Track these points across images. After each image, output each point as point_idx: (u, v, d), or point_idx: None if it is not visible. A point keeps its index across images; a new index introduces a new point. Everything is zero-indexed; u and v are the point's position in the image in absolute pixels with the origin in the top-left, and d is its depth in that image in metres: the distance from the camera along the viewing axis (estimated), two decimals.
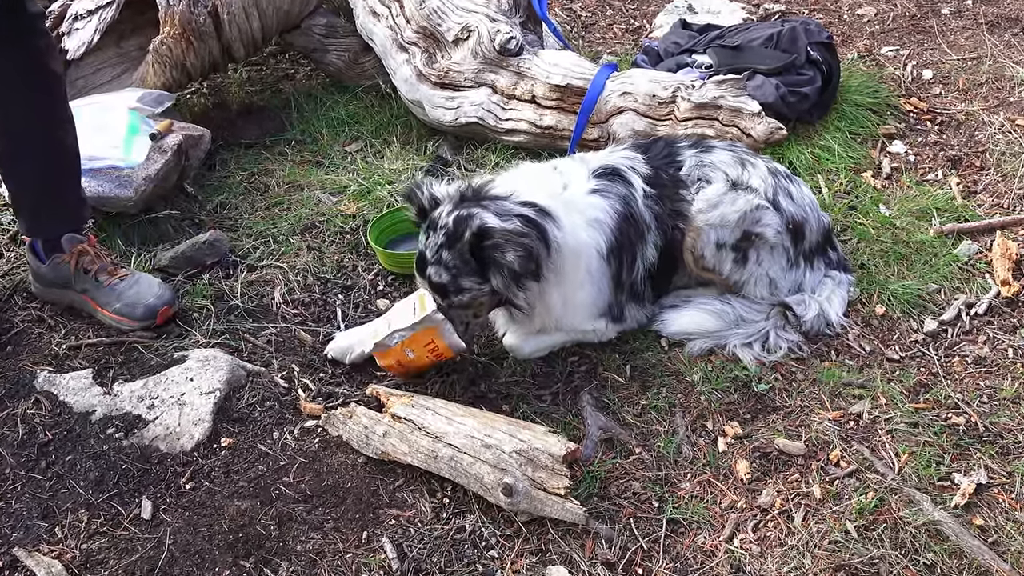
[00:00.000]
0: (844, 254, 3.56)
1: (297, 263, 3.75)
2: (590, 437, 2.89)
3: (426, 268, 2.95)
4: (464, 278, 2.92)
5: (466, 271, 2.91)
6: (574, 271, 3.06)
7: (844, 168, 4.16)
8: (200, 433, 2.91)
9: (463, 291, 2.94)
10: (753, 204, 3.18)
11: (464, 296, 2.96)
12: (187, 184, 4.19)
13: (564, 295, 3.09)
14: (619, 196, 3.15)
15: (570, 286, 3.09)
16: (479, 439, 2.65)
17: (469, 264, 2.89)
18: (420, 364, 3.05)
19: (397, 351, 3.02)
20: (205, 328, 3.39)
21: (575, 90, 4.26)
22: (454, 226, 2.89)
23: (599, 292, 3.17)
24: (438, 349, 2.99)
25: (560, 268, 2.99)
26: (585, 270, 3.09)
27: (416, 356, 3.01)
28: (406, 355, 3.02)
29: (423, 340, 2.99)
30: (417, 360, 3.03)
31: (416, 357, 3.02)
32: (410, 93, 4.59)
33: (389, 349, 3.03)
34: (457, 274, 2.91)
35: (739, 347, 3.20)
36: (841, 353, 3.23)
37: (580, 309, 3.17)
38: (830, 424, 2.91)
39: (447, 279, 2.92)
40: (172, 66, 4.52)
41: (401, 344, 3.00)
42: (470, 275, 2.92)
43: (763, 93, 4.16)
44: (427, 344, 2.99)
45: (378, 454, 2.79)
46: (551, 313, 3.13)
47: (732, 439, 2.89)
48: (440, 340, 2.97)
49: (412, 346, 3.00)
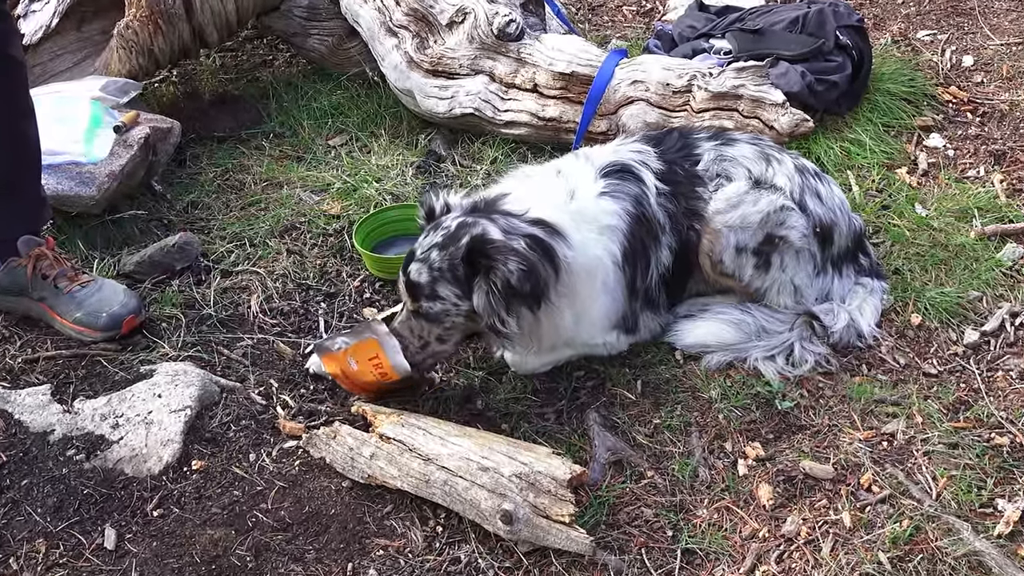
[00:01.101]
0: (877, 259, 3.57)
1: (275, 268, 3.77)
2: (597, 459, 2.90)
3: (410, 264, 2.96)
4: (443, 285, 2.91)
5: (449, 278, 2.90)
6: (588, 286, 3.08)
7: (876, 164, 4.18)
8: (169, 455, 2.92)
9: (437, 299, 2.93)
10: (777, 205, 3.19)
11: (435, 306, 2.93)
12: (155, 181, 4.21)
13: (577, 312, 3.10)
14: (630, 196, 3.16)
15: (583, 302, 3.10)
16: (475, 461, 2.66)
17: (455, 272, 2.89)
18: (366, 380, 3.02)
19: (340, 358, 3.02)
20: (175, 340, 3.40)
21: (581, 78, 4.29)
22: (455, 228, 2.92)
23: (614, 302, 3.19)
24: (382, 367, 2.95)
25: (572, 287, 3.00)
26: (601, 282, 3.11)
27: (360, 370, 2.99)
28: (349, 365, 3.01)
29: (366, 352, 2.97)
30: (362, 374, 3.00)
31: (360, 371, 2.99)
32: (400, 81, 4.61)
33: (332, 354, 3.05)
34: (438, 278, 2.90)
35: (761, 361, 3.21)
36: (873, 367, 3.24)
37: (594, 323, 3.19)
38: (861, 445, 2.93)
39: (426, 279, 2.92)
40: (138, 52, 4.55)
41: (344, 351, 3.02)
42: (451, 284, 2.90)
43: (787, 81, 4.18)
44: (371, 358, 2.96)
45: (364, 478, 2.80)
46: (560, 333, 3.13)
47: (753, 461, 2.90)
48: (384, 356, 2.95)
49: (356, 356, 2.99)
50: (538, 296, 2.88)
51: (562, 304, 3.01)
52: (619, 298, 3.19)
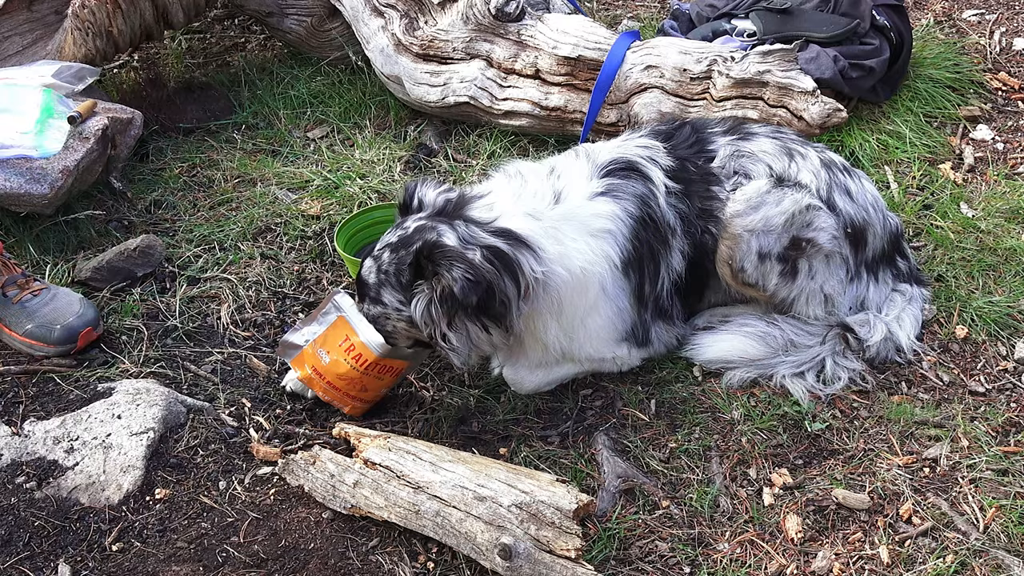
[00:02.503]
0: (917, 264, 3.59)
1: (248, 275, 3.79)
2: (607, 487, 2.92)
3: (367, 258, 3.05)
4: (387, 290, 2.98)
5: (393, 283, 2.97)
6: (580, 298, 3.10)
7: (917, 159, 4.21)
8: (130, 483, 2.93)
9: (379, 303, 3.01)
10: (803, 204, 3.21)
11: (375, 309, 3.02)
12: (114, 178, 4.23)
13: (568, 327, 3.14)
14: (634, 196, 3.19)
15: (575, 316, 3.13)
16: (471, 490, 2.67)
17: (400, 276, 2.95)
18: (341, 372, 3.04)
19: (310, 355, 3.05)
20: (136, 354, 3.42)
21: (588, 63, 4.31)
22: (412, 232, 2.99)
23: (618, 313, 3.21)
24: (355, 348, 3.00)
25: (556, 302, 3.03)
26: (597, 290, 3.13)
27: (333, 361, 3.03)
28: (320, 359, 3.04)
29: (336, 337, 3.01)
30: (335, 366, 3.04)
31: (333, 363, 3.03)
32: (386, 67, 4.64)
33: (300, 352, 3.06)
34: (384, 281, 2.98)
35: (788, 378, 3.23)
36: (914, 385, 3.26)
37: (597, 335, 3.22)
38: (900, 472, 2.94)
39: (372, 280, 3.00)
40: (96, 34, 4.57)
41: (312, 345, 3.03)
42: (395, 290, 2.97)
43: (818, 67, 4.20)
44: (342, 343, 3.01)
45: (347, 508, 2.81)
46: (551, 350, 3.17)
47: (780, 490, 2.92)
48: (355, 335, 2.99)
49: (325, 346, 3.03)
50: (489, 312, 2.90)
51: (546, 320, 3.06)
52: (624, 307, 3.21)
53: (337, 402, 3.14)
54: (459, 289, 2.83)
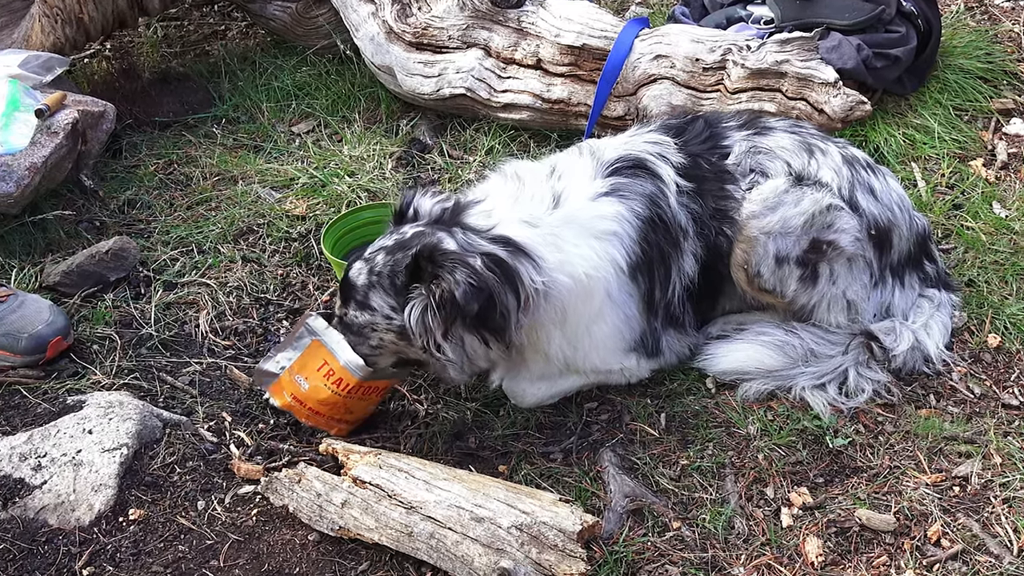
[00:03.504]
0: (946, 267, 3.60)
1: (229, 279, 3.80)
2: (613, 508, 2.92)
3: (355, 263, 3.05)
4: (378, 293, 2.97)
5: (386, 285, 2.96)
6: (584, 306, 3.11)
7: (946, 155, 4.21)
8: (101, 503, 2.94)
9: (366, 308, 2.99)
10: (823, 204, 3.21)
11: (362, 316, 3.00)
12: (84, 176, 4.24)
13: (572, 336, 3.15)
14: (642, 196, 3.19)
15: (580, 325, 3.14)
16: (468, 510, 2.68)
17: (395, 279, 2.95)
18: (322, 399, 3.05)
19: (287, 383, 3.06)
20: (108, 365, 3.43)
21: (594, 52, 4.33)
22: (410, 236, 3.00)
23: (626, 320, 3.22)
24: (335, 373, 3.01)
25: (559, 312, 3.04)
26: (603, 296, 3.14)
27: (312, 387, 3.04)
28: (298, 386, 3.05)
29: (313, 362, 3.02)
30: (316, 392, 3.05)
31: (313, 389, 3.04)
32: (377, 56, 4.65)
33: (276, 380, 3.07)
34: (375, 283, 2.97)
35: (809, 390, 3.24)
36: (943, 398, 3.27)
37: (603, 345, 3.22)
38: (928, 491, 2.95)
39: (362, 282, 2.99)
40: (65, 21, 4.58)
41: (289, 372, 3.04)
42: (387, 294, 2.97)
43: (840, 56, 4.21)
44: (320, 368, 3.01)
45: (335, 530, 2.82)
46: (555, 361, 3.18)
47: (800, 510, 2.92)
48: (333, 360, 3.00)
49: (303, 372, 3.04)
50: (488, 323, 2.91)
51: (549, 330, 3.08)
52: (633, 314, 3.22)
53: (322, 426, 3.15)
54: (461, 294, 2.83)
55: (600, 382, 3.33)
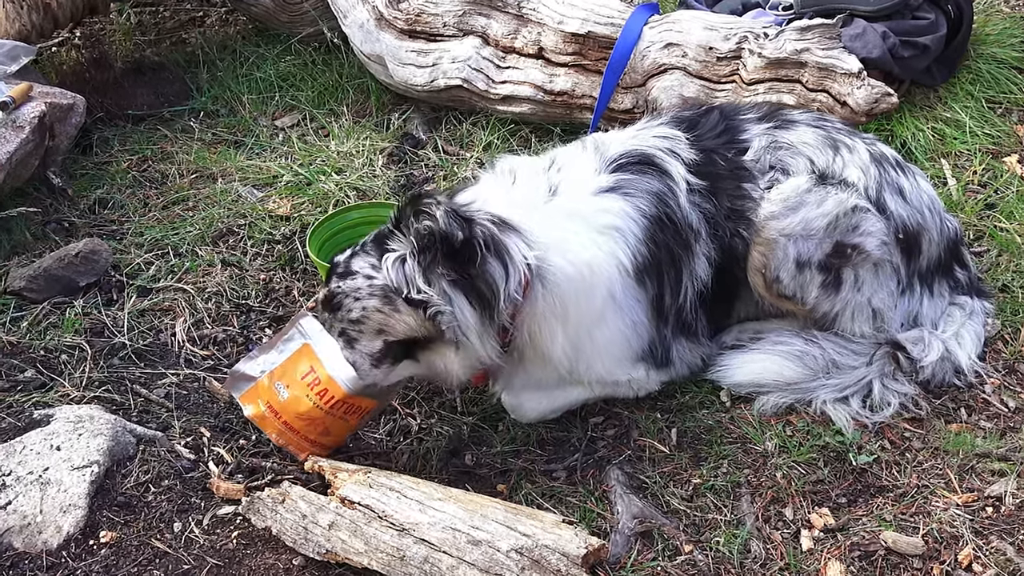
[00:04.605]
0: (978, 272, 3.61)
1: (207, 284, 3.81)
2: (621, 530, 2.92)
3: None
4: (360, 257, 2.95)
5: (369, 248, 2.94)
6: (584, 300, 3.09)
7: (978, 151, 4.22)
8: (71, 524, 2.93)
9: (347, 275, 2.95)
10: (848, 205, 3.21)
11: (344, 284, 2.94)
12: (52, 173, 4.25)
13: (574, 338, 3.12)
14: (649, 193, 3.19)
15: (583, 323, 3.12)
16: (464, 533, 2.68)
17: (380, 239, 2.92)
18: (301, 411, 2.99)
19: (265, 389, 3.00)
20: (78, 376, 3.43)
21: (599, 40, 4.34)
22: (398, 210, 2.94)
23: (632, 327, 3.22)
24: (320, 383, 2.95)
25: (559, 302, 3.02)
26: (605, 295, 3.12)
27: (292, 397, 2.97)
28: (277, 394, 2.99)
29: (299, 368, 2.96)
30: (295, 403, 2.98)
31: (292, 399, 2.97)
32: (367, 45, 4.66)
33: (253, 385, 3.02)
34: (358, 252, 2.96)
35: (831, 403, 3.24)
36: (975, 411, 3.27)
37: (607, 352, 3.22)
38: (959, 511, 2.95)
39: (345, 256, 2.99)
40: (32, 7, 4.59)
41: (269, 376, 3.01)
42: (369, 253, 2.94)
43: (864, 45, 4.21)
44: (306, 375, 2.95)
45: (321, 554, 2.82)
46: (555, 365, 3.15)
47: (821, 533, 2.92)
48: (321, 367, 2.93)
49: (284, 379, 2.98)
50: (472, 258, 2.84)
51: (551, 326, 3.04)
52: (640, 319, 3.22)
53: (292, 447, 3.07)
54: (441, 224, 2.76)
55: (607, 395, 3.33)
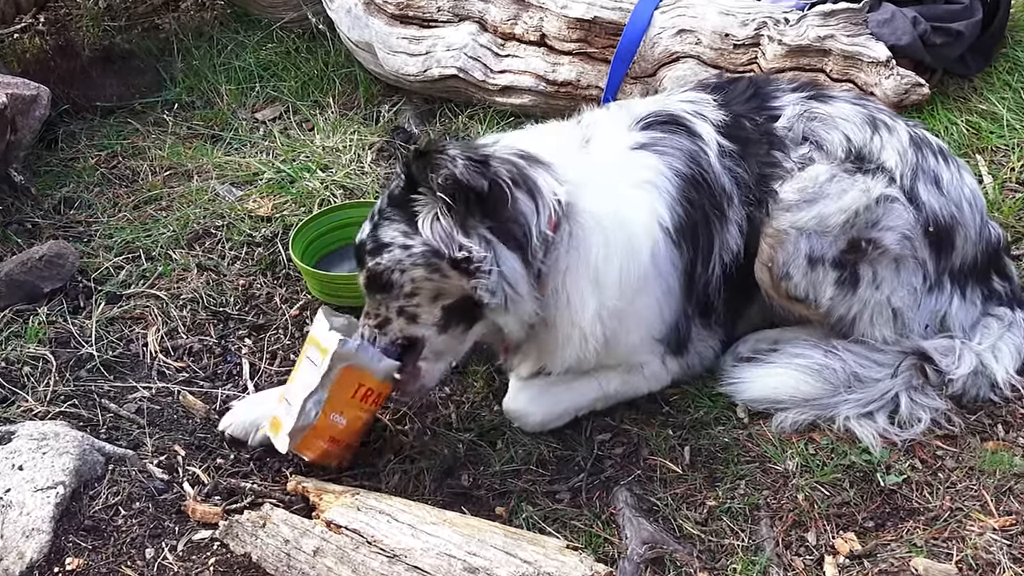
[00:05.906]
0: (1020, 280, 3.61)
1: (182, 290, 3.81)
2: (629, 556, 2.93)
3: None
4: (386, 226, 2.97)
5: (390, 214, 2.97)
6: (629, 259, 3.09)
7: (1017, 145, 4.23)
8: (34, 550, 2.93)
9: (382, 249, 2.97)
10: (872, 197, 3.19)
11: (382, 260, 2.97)
12: (14, 169, 4.26)
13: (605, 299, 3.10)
14: (681, 151, 3.19)
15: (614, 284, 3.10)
16: (460, 559, 2.69)
17: (397, 199, 2.95)
18: (358, 429, 3.12)
19: (324, 425, 3.06)
20: (42, 390, 3.44)
21: (606, 26, 4.35)
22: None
23: (666, 295, 3.21)
24: (373, 391, 3.05)
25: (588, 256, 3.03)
26: (647, 257, 3.11)
27: (351, 418, 3.06)
28: (336, 424, 3.06)
29: (348, 389, 3.03)
30: (352, 424, 3.08)
31: (351, 420, 3.07)
32: (355, 31, 4.67)
33: (311, 427, 3.08)
34: (379, 222, 2.98)
35: (854, 419, 3.24)
36: (1012, 428, 3.27)
37: (636, 322, 3.21)
38: (995, 536, 2.95)
39: (367, 233, 3.01)
40: None
41: (323, 412, 3.07)
42: (395, 219, 2.96)
43: (893, 31, 4.22)
44: (355, 392, 3.03)
45: None
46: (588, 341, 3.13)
47: (846, 559, 2.93)
48: (369, 377, 3.03)
49: (338, 407, 3.04)
50: (503, 199, 2.87)
51: (579, 278, 3.05)
52: (674, 289, 3.20)
53: (333, 459, 3.16)
54: (462, 170, 2.80)
55: (617, 394, 3.34)
